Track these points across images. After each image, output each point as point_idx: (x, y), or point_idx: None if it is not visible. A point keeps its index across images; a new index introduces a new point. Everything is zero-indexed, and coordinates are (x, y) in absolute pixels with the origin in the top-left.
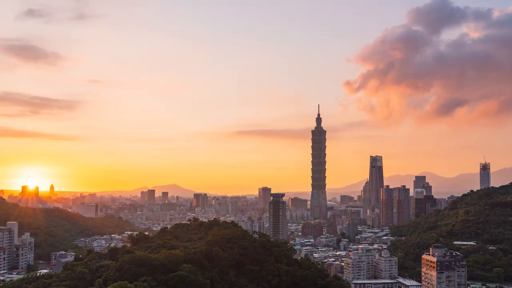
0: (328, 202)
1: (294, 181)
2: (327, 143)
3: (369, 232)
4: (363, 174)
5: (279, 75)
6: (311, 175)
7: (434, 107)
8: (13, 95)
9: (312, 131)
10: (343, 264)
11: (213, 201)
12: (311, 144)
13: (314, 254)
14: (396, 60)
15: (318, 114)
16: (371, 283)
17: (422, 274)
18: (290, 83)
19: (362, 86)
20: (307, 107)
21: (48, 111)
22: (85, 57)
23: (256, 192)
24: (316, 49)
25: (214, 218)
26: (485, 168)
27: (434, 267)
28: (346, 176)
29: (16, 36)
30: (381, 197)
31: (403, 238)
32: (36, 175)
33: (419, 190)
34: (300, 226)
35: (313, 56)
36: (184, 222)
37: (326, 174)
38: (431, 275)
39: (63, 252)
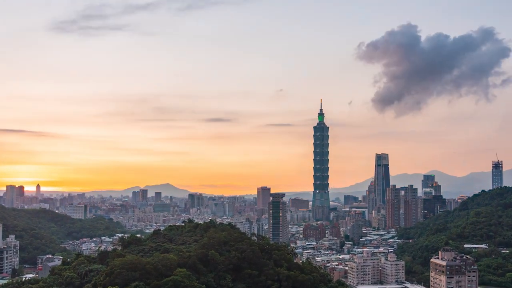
0: (331, 202)
1: (295, 180)
2: (330, 140)
3: (374, 235)
4: (368, 173)
5: (280, 65)
6: (313, 174)
7: (443, 103)
8: None
9: (314, 127)
10: (347, 268)
11: (209, 201)
12: (313, 141)
13: (316, 258)
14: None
15: (321, 109)
16: None
17: (431, 279)
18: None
19: None
20: (309, 101)
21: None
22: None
23: (254, 192)
24: (319, 42)
25: (210, 219)
26: (497, 166)
27: (443, 272)
28: (350, 175)
29: None
30: (387, 197)
31: (410, 240)
32: (21, 173)
33: (428, 190)
34: (301, 228)
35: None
36: (178, 223)
37: (329, 173)
38: (440, 280)
39: (50, 256)
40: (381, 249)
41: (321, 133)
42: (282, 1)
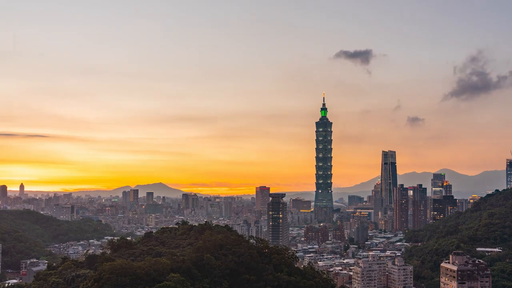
0: (334, 203)
1: (296, 179)
2: (333, 137)
3: (380, 237)
4: (374, 171)
5: (281, 58)
6: (315, 172)
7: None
8: None
9: (317, 122)
10: (351, 273)
11: (204, 202)
12: (315, 138)
13: (318, 262)
14: None
15: (323, 104)
16: None
17: (441, 284)
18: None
19: None
20: (311, 94)
21: None
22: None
23: (253, 192)
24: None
25: (206, 221)
26: None
27: (454, 277)
28: (354, 174)
29: None
30: (395, 197)
31: (419, 244)
32: (4, 172)
33: (438, 189)
34: (303, 231)
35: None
36: (171, 225)
37: (332, 172)
38: (451, 285)
39: (35, 260)
40: (387, 252)
41: (324, 128)
42: None
